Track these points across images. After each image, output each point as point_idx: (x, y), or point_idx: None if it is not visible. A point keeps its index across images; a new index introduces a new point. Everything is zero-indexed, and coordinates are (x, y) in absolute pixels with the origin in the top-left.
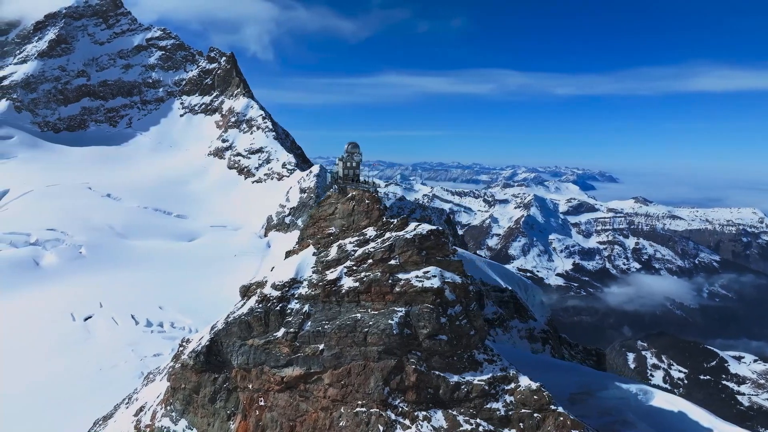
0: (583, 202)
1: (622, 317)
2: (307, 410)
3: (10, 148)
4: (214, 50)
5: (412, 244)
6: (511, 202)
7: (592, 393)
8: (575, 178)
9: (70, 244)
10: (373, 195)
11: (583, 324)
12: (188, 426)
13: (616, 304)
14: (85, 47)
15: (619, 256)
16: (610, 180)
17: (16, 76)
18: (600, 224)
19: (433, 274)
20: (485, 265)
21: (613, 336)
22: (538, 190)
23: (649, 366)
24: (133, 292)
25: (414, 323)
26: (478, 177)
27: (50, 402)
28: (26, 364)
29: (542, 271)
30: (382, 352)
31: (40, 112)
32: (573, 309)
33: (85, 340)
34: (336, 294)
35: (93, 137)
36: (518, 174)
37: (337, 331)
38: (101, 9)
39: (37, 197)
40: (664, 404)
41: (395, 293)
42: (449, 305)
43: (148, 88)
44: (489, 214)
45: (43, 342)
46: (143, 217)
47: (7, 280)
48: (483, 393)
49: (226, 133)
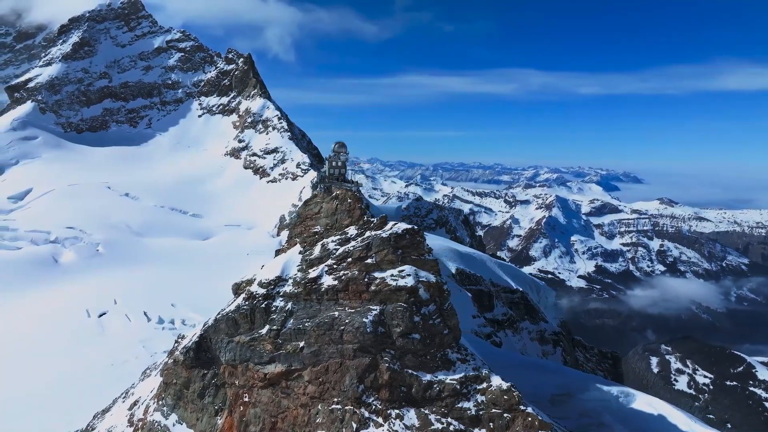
0: (607, 203)
1: (646, 320)
2: (288, 407)
3: (34, 148)
4: (231, 52)
5: (388, 243)
6: (532, 203)
7: (572, 394)
8: (599, 179)
9: (88, 242)
10: (354, 194)
11: (605, 327)
12: (178, 420)
13: (639, 307)
14: (107, 50)
15: (643, 258)
16: (634, 181)
17: (41, 78)
18: (623, 226)
19: (408, 273)
20: (496, 266)
21: (636, 339)
22: (561, 191)
23: (672, 371)
24: (147, 290)
25: (388, 322)
26: (500, 177)
27: (62, 395)
28: (42, 358)
29: (563, 272)
30: (357, 350)
31: (64, 113)
32: (595, 311)
33: (98, 335)
34: (316, 292)
35: (114, 137)
36: (540, 174)
37: (315, 329)
38: (123, 12)
39: (59, 196)
40: (645, 407)
41: (371, 292)
42: (423, 304)
43: (168, 89)
44: (510, 214)
45: (58, 337)
46: (159, 216)
47: (28, 276)
48: (454, 392)
49: (242, 133)
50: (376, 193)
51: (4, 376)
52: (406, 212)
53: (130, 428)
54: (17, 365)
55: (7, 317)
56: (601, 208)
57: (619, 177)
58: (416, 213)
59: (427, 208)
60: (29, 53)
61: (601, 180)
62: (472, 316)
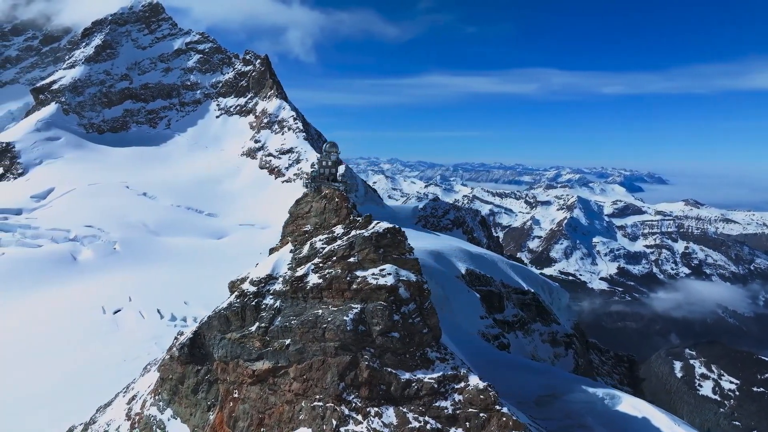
0: (630, 204)
1: (670, 324)
2: (276, 403)
3: (57, 148)
4: (249, 53)
5: (370, 242)
6: (553, 204)
7: (557, 396)
8: (622, 180)
9: (106, 240)
10: (341, 193)
11: (628, 330)
12: (173, 415)
13: (663, 310)
14: (128, 52)
15: (667, 261)
16: (659, 182)
17: (64, 80)
18: (647, 227)
19: (389, 272)
20: (507, 267)
21: (660, 343)
22: (583, 192)
23: (697, 376)
24: (161, 288)
25: (368, 320)
26: (521, 178)
27: (74, 389)
28: (58, 352)
29: (585, 274)
30: (338, 348)
31: (86, 115)
32: (617, 314)
33: (113, 332)
34: (302, 290)
35: (134, 138)
36: (562, 175)
37: (300, 327)
38: (144, 15)
39: (79, 195)
40: (629, 409)
41: (352, 290)
42: (403, 303)
43: (187, 90)
44: (530, 215)
45: (74, 332)
46: (176, 215)
47: (47, 273)
48: (432, 391)
49: (258, 133)
50: (395, 194)
51: (21, 369)
52: (422, 212)
53: (127, 422)
54: (34, 359)
55: (26, 312)
56: (624, 209)
57: (643, 178)
58: (433, 213)
59: (444, 208)
60: (55, 56)
61: (624, 181)
62: (479, 316)
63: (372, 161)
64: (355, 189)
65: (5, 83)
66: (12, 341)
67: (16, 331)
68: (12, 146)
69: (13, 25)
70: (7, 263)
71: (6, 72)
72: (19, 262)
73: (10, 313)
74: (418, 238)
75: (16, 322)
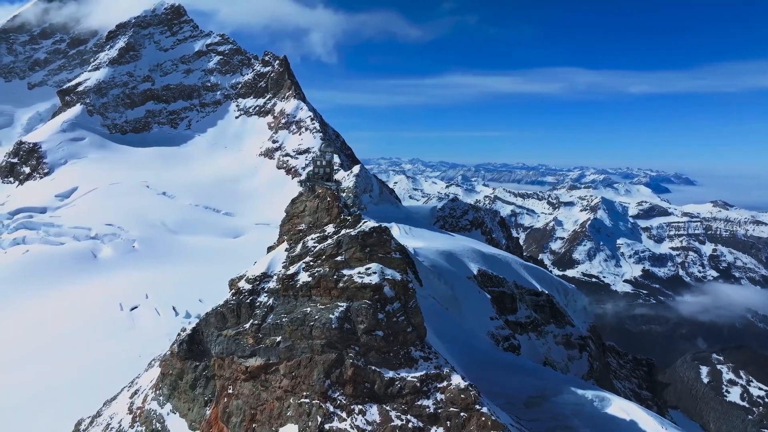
0: (655, 205)
1: (696, 328)
2: (267, 399)
3: (81, 148)
4: (268, 54)
5: (356, 241)
6: (576, 205)
7: (547, 397)
8: (648, 180)
9: (125, 238)
10: (333, 192)
11: (652, 333)
12: (172, 410)
13: (689, 313)
14: (150, 54)
15: (694, 263)
16: (686, 182)
17: (89, 82)
18: (673, 229)
19: (374, 270)
20: (521, 268)
21: (686, 347)
22: (607, 193)
23: (724, 381)
24: (177, 285)
25: (353, 318)
26: (544, 178)
27: (89, 383)
28: (76, 347)
29: (608, 276)
30: (324, 345)
31: (110, 116)
32: (641, 317)
33: (129, 328)
34: (293, 288)
35: (155, 138)
36: (586, 176)
37: (290, 324)
38: (166, 18)
39: (101, 194)
40: (618, 412)
41: (339, 288)
42: (388, 302)
43: (207, 91)
44: (553, 216)
45: (92, 328)
46: (194, 214)
47: (69, 270)
48: (415, 390)
49: (276, 134)
50: (416, 194)
51: (40, 363)
52: (441, 213)
53: (129, 416)
54: (53, 353)
55: (48, 308)
56: (649, 210)
57: (670, 179)
58: (451, 214)
59: (462, 208)
60: (81, 58)
61: (650, 181)
62: (489, 317)
63: (393, 161)
64: (370, 189)
65: (34, 85)
66: (33, 336)
67: (37, 326)
68: (39, 147)
69: (42, 29)
70: (32, 260)
71: (35, 74)
72: (43, 259)
73: (32, 308)
74: (431, 239)
75: (38, 317)
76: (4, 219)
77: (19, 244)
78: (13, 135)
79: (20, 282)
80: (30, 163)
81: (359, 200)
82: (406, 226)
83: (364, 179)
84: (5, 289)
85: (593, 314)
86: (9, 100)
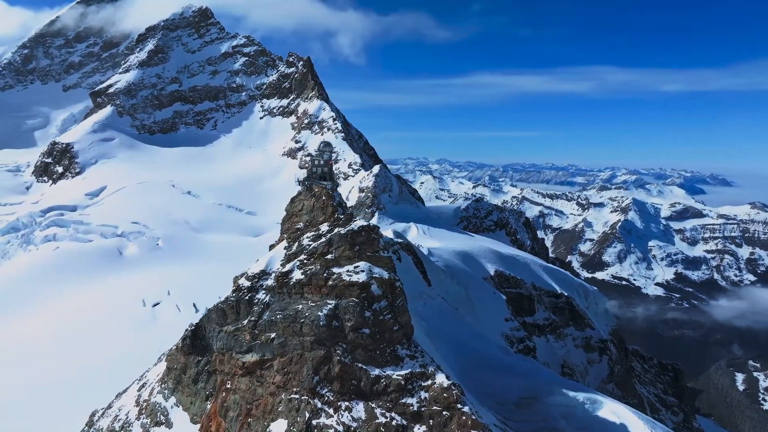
0: (689, 206)
1: (732, 334)
2: (262, 395)
3: (111, 149)
4: (292, 55)
5: (346, 240)
6: (607, 206)
7: (538, 398)
8: (682, 181)
9: (150, 236)
10: (328, 192)
11: (685, 338)
12: (176, 403)
13: (724, 319)
14: (178, 56)
15: (730, 267)
16: (723, 183)
17: (119, 84)
18: (708, 231)
19: (362, 269)
20: (541, 269)
21: (720, 354)
22: (639, 194)
23: (761, 389)
24: (198, 282)
25: (341, 316)
26: (573, 179)
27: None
28: (99, 340)
29: (639, 279)
30: (313, 342)
31: (139, 116)
32: (674, 322)
33: (151, 324)
34: (287, 285)
35: (182, 139)
36: (618, 176)
37: (283, 321)
38: (194, 20)
39: (128, 193)
40: (608, 415)
41: (328, 286)
42: (375, 300)
43: (233, 92)
44: (582, 218)
45: (116, 323)
46: (217, 213)
47: (95, 267)
48: (399, 388)
49: (299, 134)
50: (443, 194)
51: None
52: (464, 213)
53: (136, 408)
54: (77, 346)
55: (74, 303)
56: (682, 212)
57: (706, 179)
58: (475, 214)
59: (486, 209)
60: (113, 61)
61: (684, 182)
62: (504, 318)
63: (420, 161)
64: (389, 189)
65: (69, 87)
66: (61, 328)
67: (64, 319)
68: (71, 147)
69: (76, 33)
70: (61, 256)
71: (70, 77)
72: (72, 256)
73: (61, 302)
74: (449, 239)
75: (66, 311)
76: (37, 217)
77: (50, 240)
78: (49, 136)
79: (50, 277)
80: (63, 163)
81: (378, 200)
82: (425, 226)
83: (384, 179)
84: (36, 283)
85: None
86: (45, 102)
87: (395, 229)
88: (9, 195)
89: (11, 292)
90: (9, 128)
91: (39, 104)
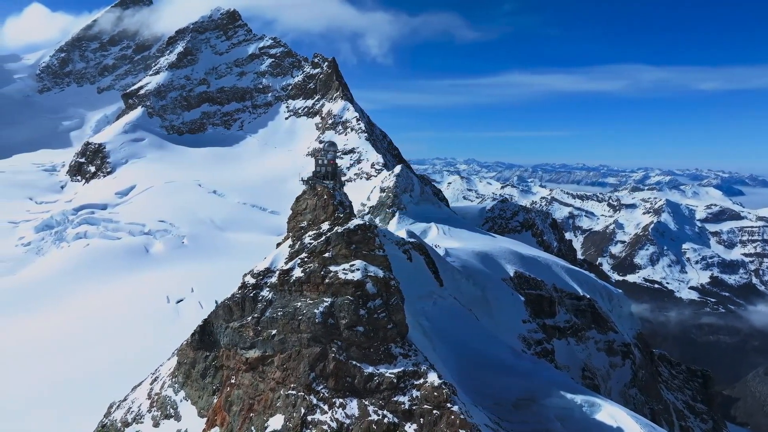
0: (726, 208)
1: None
2: (264, 390)
3: (141, 149)
4: (317, 56)
5: (342, 238)
6: (639, 207)
7: (536, 400)
8: (719, 182)
9: (176, 234)
10: (329, 191)
11: (721, 344)
12: (185, 397)
13: (763, 324)
14: (207, 58)
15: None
16: (763, 185)
17: (150, 86)
18: (746, 234)
19: (358, 267)
20: (563, 271)
21: (758, 360)
22: (672, 195)
23: None
24: (221, 280)
25: (336, 314)
26: (605, 180)
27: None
28: (123, 336)
29: (672, 283)
30: (310, 339)
31: (168, 117)
32: (708, 327)
33: (174, 320)
34: (287, 283)
35: (210, 139)
36: (651, 177)
37: (283, 318)
38: (222, 23)
39: (156, 192)
40: (606, 418)
41: (325, 284)
42: (370, 298)
43: (259, 93)
44: (613, 219)
45: (141, 318)
46: (241, 213)
47: (123, 264)
48: (392, 386)
49: (323, 134)
50: (470, 195)
51: (88, 349)
52: (490, 214)
53: (147, 401)
54: (102, 340)
55: (102, 298)
56: (719, 214)
57: (744, 181)
58: (501, 215)
59: (512, 210)
60: (145, 63)
61: (721, 183)
62: (522, 320)
63: (448, 162)
64: (411, 189)
65: (103, 89)
66: (88, 323)
67: (92, 315)
68: (103, 147)
69: (110, 36)
70: (91, 253)
71: (104, 79)
72: (101, 253)
73: (90, 298)
74: (469, 239)
75: (94, 307)
76: (70, 215)
77: (81, 238)
78: (84, 136)
79: (80, 274)
80: (95, 163)
81: (399, 200)
82: (445, 226)
83: (405, 179)
84: (67, 280)
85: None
86: (81, 103)
87: (415, 229)
88: (45, 194)
89: (45, 287)
90: (46, 129)
91: (75, 106)
